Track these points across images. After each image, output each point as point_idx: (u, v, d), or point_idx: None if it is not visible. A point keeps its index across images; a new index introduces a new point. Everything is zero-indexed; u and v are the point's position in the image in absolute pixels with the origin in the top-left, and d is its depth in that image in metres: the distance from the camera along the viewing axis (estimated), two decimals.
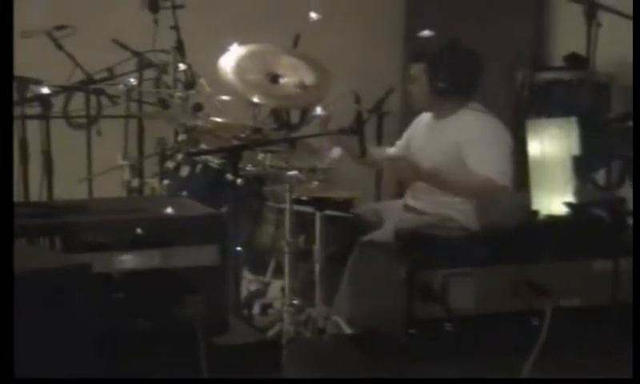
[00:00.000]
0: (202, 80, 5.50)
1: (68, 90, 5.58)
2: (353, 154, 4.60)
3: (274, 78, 5.18)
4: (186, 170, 5.05)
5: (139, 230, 3.37)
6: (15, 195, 4.90)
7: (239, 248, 4.56)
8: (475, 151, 4.53)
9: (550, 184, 4.01)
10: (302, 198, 4.66)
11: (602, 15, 4.99)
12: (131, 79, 5.58)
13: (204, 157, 4.98)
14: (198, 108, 5.26)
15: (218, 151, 4.85)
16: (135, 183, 5.75)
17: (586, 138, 4.11)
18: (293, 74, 5.15)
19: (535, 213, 3.81)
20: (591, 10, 5.01)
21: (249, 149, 4.69)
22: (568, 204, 3.76)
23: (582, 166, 4.05)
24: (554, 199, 3.89)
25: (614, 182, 4.38)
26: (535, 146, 4.10)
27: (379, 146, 5.38)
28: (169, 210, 3.57)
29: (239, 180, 4.53)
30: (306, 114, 5.48)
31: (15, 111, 5.05)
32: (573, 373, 3.35)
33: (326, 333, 4.46)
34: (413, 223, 4.53)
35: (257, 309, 4.84)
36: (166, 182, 5.13)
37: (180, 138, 5.25)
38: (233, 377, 3.36)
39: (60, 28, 5.57)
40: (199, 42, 5.68)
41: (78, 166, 5.78)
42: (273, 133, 5.18)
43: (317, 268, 4.56)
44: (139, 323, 3.33)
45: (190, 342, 3.27)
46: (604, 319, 3.44)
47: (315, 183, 4.68)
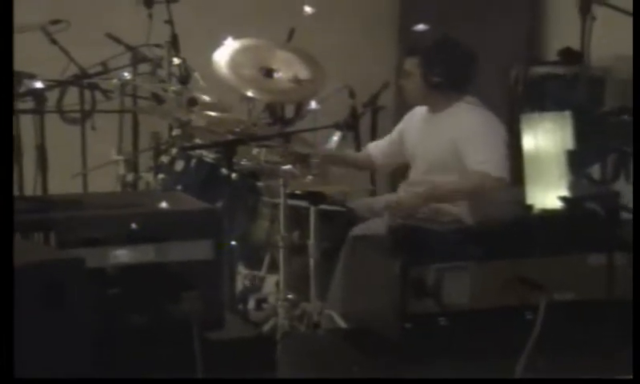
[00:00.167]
0: (196, 74, 5.50)
1: (62, 85, 5.57)
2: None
3: (268, 72, 5.18)
4: (180, 165, 5.04)
5: (134, 225, 3.36)
6: None
7: (234, 242, 4.56)
8: (471, 146, 4.53)
9: (545, 178, 4.00)
10: (297, 192, 4.66)
11: (596, 9, 4.99)
12: (125, 74, 5.57)
13: (198, 151, 4.97)
14: (192, 102, 5.25)
15: (212, 146, 4.84)
16: (130, 178, 5.75)
17: (581, 132, 4.10)
18: (287, 69, 5.15)
19: (530, 207, 3.81)
20: (585, 4, 5.00)
21: (243, 143, 4.69)
22: (562, 198, 3.76)
23: (577, 161, 4.05)
24: (548, 193, 3.88)
25: (608, 176, 4.38)
26: (529, 141, 4.08)
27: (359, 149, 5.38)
28: (163, 205, 3.57)
29: (234, 175, 4.54)
30: (300, 109, 5.47)
31: None
32: (567, 367, 3.35)
33: (320, 327, 4.47)
34: (406, 216, 4.53)
35: (252, 303, 4.84)
36: (161, 176, 5.13)
37: (174, 132, 5.25)
38: (228, 371, 3.36)
39: (54, 23, 5.56)
40: (193, 36, 5.68)
41: (72, 160, 5.77)
42: (267, 127, 5.18)
43: (311, 262, 4.56)
44: (134, 318, 3.33)
45: (185, 336, 3.26)
46: (598, 313, 3.45)
47: (309, 178, 4.68)
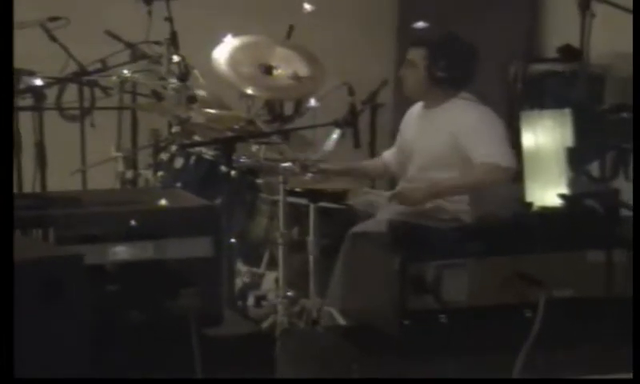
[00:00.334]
0: (195, 71, 5.50)
1: (61, 82, 5.57)
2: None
3: (267, 69, 5.18)
4: (179, 162, 5.04)
5: (133, 222, 3.36)
6: None
7: (233, 240, 4.57)
8: (475, 140, 4.52)
9: (544, 176, 4.00)
10: (296, 189, 4.66)
11: (595, 6, 4.99)
12: (125, 71, 5.57)
13: (198, 148, 4.97)
14: (191, 100, 5.25)
15: (211, 143, 4.84)
16: (129, 175, 5.75)
17: (580, 129, 4.11)
18: (286, 66, 5.16)
19: (529, 204, 3.80)
20: (585, 1, 5.00)
21: (243, 140, 4.69)
22: (562, 195, 3.76)
23: (576, 158, 4.05)
24: (547, 191, 3.88)
25: (607, 173, 4.38)
26: (529, 138, 4.08)
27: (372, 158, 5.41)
28: (162, 202, 3.56)
29: (233, 172, 4.54)
30: (299, 106, 5.47)
31: None
32: (565, 364, 3.35)
33: (319, 324, 4.47)
34: (405, 214, 4.53)
35: (251, 300, 4.85)
36: (160, 173, 5.13)
37: (174, 129, 5.25)
38: (226, 368, 3.35)
39: (54, 19, 5.56)
40: (193, 33, 5.67)
41: (71, 157, 5.77)
42: (266, 124, 5.18)
43: (311, 259, 4.56)
44: (132, 315, 3.32)
45: (184, 333, 3.26)
46: (597, 310, 3.44)
47: (309, 175, 4.68)
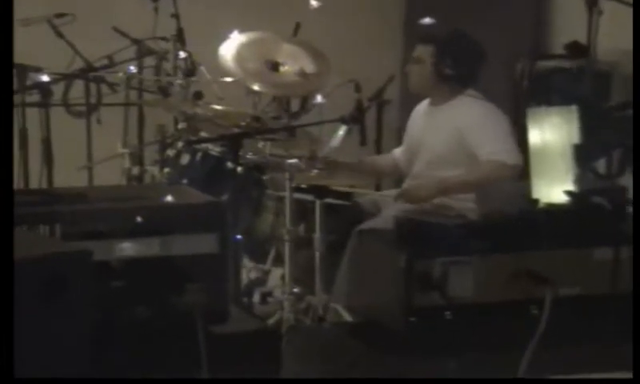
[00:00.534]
0: (202, 68, 5.50)
1: (68, 78, 5.58)
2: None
3: (274, 66, 5.18)
4: (186, 158, 5.04)
5: (139, 218, 3.36)
6: (15, 183, 4.90)
7: (239, 236, 4.57)
8: (481, 137, 4.52)
9: (551, 172, 3.99)
10: (302, 186, 4.66)
11: (603, 3, 4.98)
12: (131, 67, 5.57)
13: (204, 145, 4.97)
14: (198, 96, 5.26)
15: (218, 139, 4.84)
16: (135, 171, 5.75)
17: (587, 126, 4.10)
18: (293, 62, 5.15)
19: (535, 201, 3.80)
20: None
21: (249, 137, 4.68)
22: (568, 192, 3.75)
23: (583, 155, 4.04)
24: (554, 188, 3.87)
25: (614, 170, 4.37)
26: (535, 135, 4.07)
27: (379, 154, 5.40)
28: (169, 198, 3.56)
29: (239, 168, 4.53)
30: (306, 102, 5.47)
31: (15, 99, 5.04)
32: (571, 361, 3.35)
33: (325, 320, 4.47)
34: (411, 211, 4.53)
35: (257, 297, 4.85)
36: (166, 170, 5.13)
37: (180, 125, 5.25)
38: (232, 365, 3.36)
39: (60, 16, 5.57)
40: (199, 29, 5.68)
41: (77, 153, 5.78)
42: (273, 121, 5.18)
43: (317, 256, 4.56)
44: (138, 311, 3.33)
45: (190, 330, 3.26)
46: (603, 308, 3.44)
47: (315, 171, 4.68)
